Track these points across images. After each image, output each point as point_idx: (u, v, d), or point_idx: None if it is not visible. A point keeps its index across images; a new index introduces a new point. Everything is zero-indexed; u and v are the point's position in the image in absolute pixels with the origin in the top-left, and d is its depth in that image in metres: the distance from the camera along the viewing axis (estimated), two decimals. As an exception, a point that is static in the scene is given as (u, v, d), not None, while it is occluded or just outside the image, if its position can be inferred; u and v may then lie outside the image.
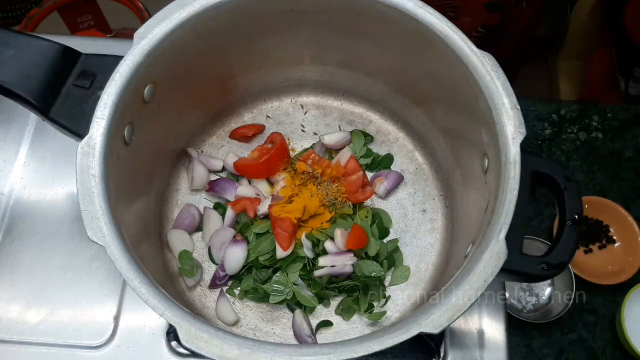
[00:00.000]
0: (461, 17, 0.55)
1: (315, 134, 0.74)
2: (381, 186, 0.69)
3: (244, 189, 0.67)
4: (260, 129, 0.73)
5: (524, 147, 0.49)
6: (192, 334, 0.44)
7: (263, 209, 0.65)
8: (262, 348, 0.44)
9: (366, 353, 0.44)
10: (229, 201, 0.68)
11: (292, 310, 0.64)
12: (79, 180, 0.48)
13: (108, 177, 0.49)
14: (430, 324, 0.45)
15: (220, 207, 0.69)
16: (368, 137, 0.73)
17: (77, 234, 0.67)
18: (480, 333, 0.63)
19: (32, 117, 0.73)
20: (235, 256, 0.63)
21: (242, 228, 0.67)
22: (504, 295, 0.65)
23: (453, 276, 0.48)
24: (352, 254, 0.63)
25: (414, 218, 0.69)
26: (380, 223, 0.67)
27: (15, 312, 0.64)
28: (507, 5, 0.85)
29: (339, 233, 0.63)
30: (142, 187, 0.62)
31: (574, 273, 0.80)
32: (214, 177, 0.71)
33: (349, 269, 0.63)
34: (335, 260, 0.63)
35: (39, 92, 0.52)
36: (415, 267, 0.67)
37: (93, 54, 0.54)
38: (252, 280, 0.64)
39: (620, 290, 0.79)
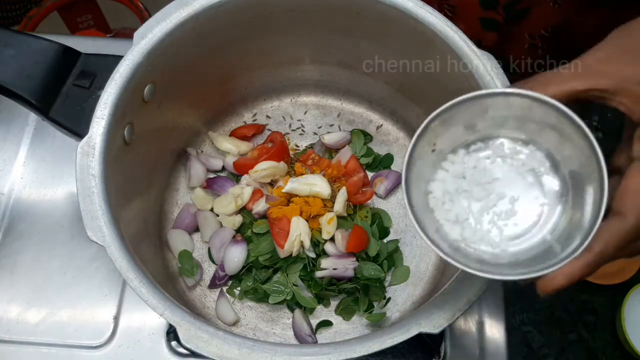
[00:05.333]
0: (458, 21, 0.54)
1: (315, 134, 0.74)
2: (381, 186, 0.69)
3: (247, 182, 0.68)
4: (260, 129, 0.73)
5: (524, 147, 0.48)
6: (192, 334, 0.44)
7: (257, 208, 0.65)
8: (262, 348, 0.44)
9: (366, 353, 0.44)
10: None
11: (292, 310, 0.64)
12: (79, 180, 0.48)
13: (108, 177, 0.49)
14: (430, 324, 0.45)
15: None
16: (368, 137, 0.73)
17: (77, 234, 0.67)
18: (480, 333, 0.63)
19: (32, 117, 0.73)
20: (235, 256, 0.63)
21: (242, 228, 0.67)
22: (504, 295, 0.65)
23: (453, 276, 0.48)
24: (354, 258, 0.63)
25: (414, 218, 0.69)
26: (381, 223, 0.67)
27: (15, 312, 0.64)
28: (503, 28, 0.74)
29: (339, 235, 0.63)
30: (142, 187, 0.62)
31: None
32: (212, 176, 0.71)
33: (350, 272, 0.63)
34: (338, 264, 0.63)
35: (39, 92, 0.52)
36: (415, 267, 0.67)
37: (93, 54, 0.54)
38: (252, 280, 0.64)
39: (620, 290, 0.79)
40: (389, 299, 0.65)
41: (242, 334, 0.61)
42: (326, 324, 0.64)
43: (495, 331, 0.63)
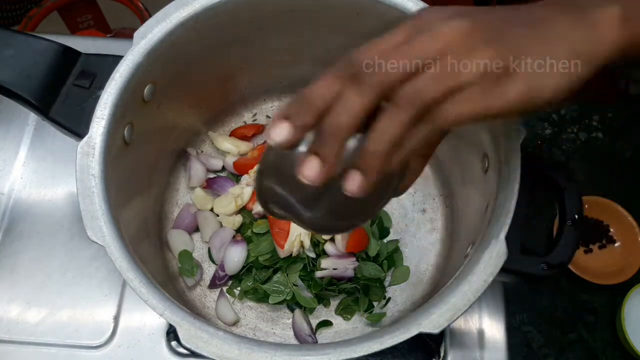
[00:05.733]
0: None
1: (315, 134, 0.73)
2: (381, 186, 0.69)
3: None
4: (260, 129, 0.73)
5: (524, 147, 0.48)
6: (192, 334, 0.44)
7: (257, 208, 0.65)
8: (262, 348, 0.44)
9: (366, 353, 0.44)
10: (229, 201, 0.68)
11: (292, 310, 0.64)
12: (79, 180, 0.48)
13: (108, 177, 0.49)
14: (430, 324, 0.45)
15: (220, 207, 0.69)
16: (368, 137, 0.73)
17: (77, 234, 0.67)
18: (480, 333, 0.63)
19: (32, 117, 0.73)
20: (235, 256, 0.63)
21: (242, 228, 0.67)
22: (504, 295, 0.65)
23: (453, 276, 0.48)
24: (354, 258, 0.63)
25: (414, 218, 0.69)
26: (380, 223, 0.67)
27: (15, 312, 0.64)
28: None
29: (339, 235, 0.63)
30: (142, 187, 0.62)
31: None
32: (212, 176, 0.71)
33: (350, 272, 0.63)
34: (338, 264, 0.63)
35: (39, 92, 0.52)
36: (415, 267, 0.67)
37: (93, 54, 0.54)
38: (252, 280, 0.64)
39: (620, 290, 0.79)
40: (389, 299, 0.65)
41: (242, 334, 0.61)
42: (326, 324, 0.64)
43: (495, 331, 0.63)
